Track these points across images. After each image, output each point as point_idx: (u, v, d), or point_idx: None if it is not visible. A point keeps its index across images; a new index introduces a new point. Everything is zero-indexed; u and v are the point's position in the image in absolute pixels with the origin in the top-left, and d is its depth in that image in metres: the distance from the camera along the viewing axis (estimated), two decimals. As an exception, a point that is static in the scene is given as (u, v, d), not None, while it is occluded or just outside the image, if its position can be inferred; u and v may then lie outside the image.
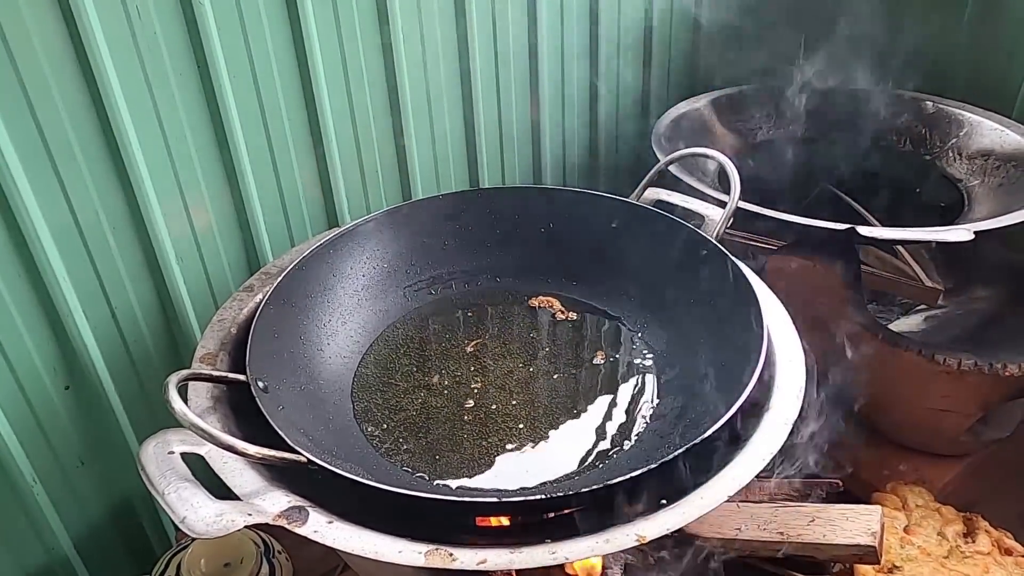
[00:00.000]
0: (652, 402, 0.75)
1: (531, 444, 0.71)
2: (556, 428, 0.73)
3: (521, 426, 0.73)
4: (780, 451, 0.61)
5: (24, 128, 0.72)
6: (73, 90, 0.74)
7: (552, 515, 0.62)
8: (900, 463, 0.99)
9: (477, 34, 1.04)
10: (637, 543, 0.52)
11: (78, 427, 0.86)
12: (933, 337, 1.02)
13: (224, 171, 0.88)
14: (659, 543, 0.65)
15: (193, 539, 0.83)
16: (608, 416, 0.74)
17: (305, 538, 0.54)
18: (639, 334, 0.82)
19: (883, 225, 1.07)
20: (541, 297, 0.87)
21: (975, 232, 0.83)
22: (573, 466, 0.69)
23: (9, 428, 0.79)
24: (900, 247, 1.13)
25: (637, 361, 0.80)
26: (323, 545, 0.54)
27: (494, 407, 0.75)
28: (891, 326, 1.03)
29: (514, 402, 0.75)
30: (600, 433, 0.72)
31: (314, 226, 0.99)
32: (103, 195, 0.79)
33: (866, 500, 0.92)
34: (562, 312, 0.85)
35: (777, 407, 0.63)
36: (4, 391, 0.78)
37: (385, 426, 0.73)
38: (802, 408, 0.64)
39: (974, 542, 0.87)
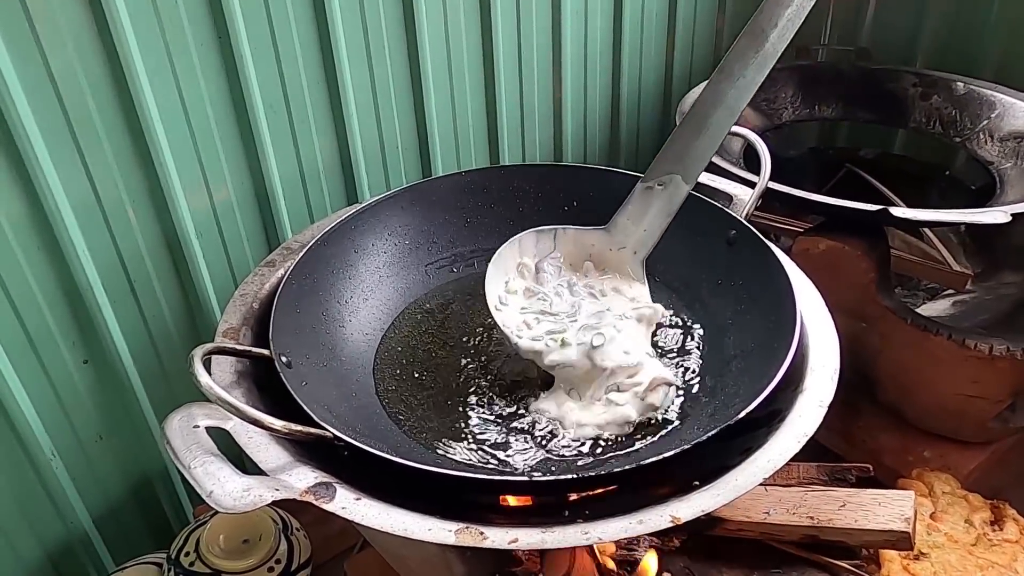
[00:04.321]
0: (680, 384, 0.73)
1: (556, 424, 0.70)
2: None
3: (546, 406, 0.71)
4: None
5: (45, 101, 0.71)
6: (94, 62, 0.73)
7: (579, 496, 0.61)
8: (925, 449, 0.98)
9: (500, 9, 1.02)
10: (671, 524, 0.51)
11: (96, 402, 0.85)
12: (961, 322, 1.00)
13: (244, 145, 0.87)
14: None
15: (212, 515, 0.83)
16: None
17: (327, 515, 0.53)
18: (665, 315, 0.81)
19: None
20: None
21: (1012, 214, 0.81)
22: (600, 447, 0.67)
23: (28, 401, 0.79)
24: (928, 231, 1.11)
25: (663, 343, 0.78)
26: (348, 522, 0.53)
27: (518, 386, 0.74)
28: (918, 311, 1.01)
29: (538, 382, 0.74)
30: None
31: (333, 202, 0.98)
32: (123, 168, 0.78)
33: (891, 486, 0.90)
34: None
35: (812, 388, 0.62)
36: (23, 364, 0.78)
37: (408, 404, 0.72)
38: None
39: (1002, 530, 0.86)
